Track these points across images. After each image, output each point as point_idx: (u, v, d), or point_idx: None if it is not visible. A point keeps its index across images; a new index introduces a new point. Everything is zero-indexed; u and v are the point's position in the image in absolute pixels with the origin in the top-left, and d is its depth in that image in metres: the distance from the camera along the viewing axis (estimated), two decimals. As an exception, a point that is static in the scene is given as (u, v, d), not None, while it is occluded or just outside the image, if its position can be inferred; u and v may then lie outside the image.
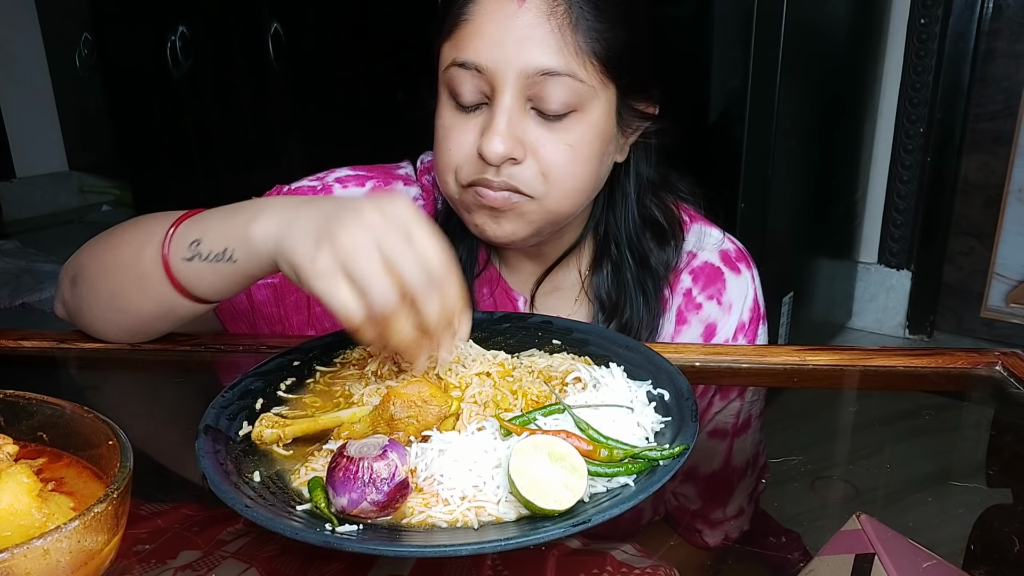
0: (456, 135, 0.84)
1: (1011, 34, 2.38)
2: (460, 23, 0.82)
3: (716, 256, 0.99)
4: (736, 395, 0.84)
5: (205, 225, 0.75)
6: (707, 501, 0.68)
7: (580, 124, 0.82)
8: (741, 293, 0.99)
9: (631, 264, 0.94)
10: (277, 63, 2.60)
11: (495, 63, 0.79)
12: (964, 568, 0.56)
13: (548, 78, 0.79)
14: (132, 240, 0.79)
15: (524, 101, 0.81)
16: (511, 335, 0.81)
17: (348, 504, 0.54)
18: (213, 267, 0.73)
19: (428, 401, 0.62)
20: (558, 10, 0.79)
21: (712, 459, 0.73)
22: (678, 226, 0.98)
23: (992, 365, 0.83)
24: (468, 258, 0.96)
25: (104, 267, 0.82)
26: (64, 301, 0.87)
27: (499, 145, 0.79)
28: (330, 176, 1.00)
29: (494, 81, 0.80)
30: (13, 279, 3.16)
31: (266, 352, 0.85)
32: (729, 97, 1.90)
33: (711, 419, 0.78)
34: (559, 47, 0.79)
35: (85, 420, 0.55)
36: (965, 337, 2.64)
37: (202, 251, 0.73)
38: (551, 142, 0.82)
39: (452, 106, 0.84)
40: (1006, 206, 2.49)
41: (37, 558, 0.43)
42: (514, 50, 0.79)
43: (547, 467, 0.55)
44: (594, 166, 0.85)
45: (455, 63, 0.82)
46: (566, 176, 0.83)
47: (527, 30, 0.79)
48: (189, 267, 0.75)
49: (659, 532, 0.63)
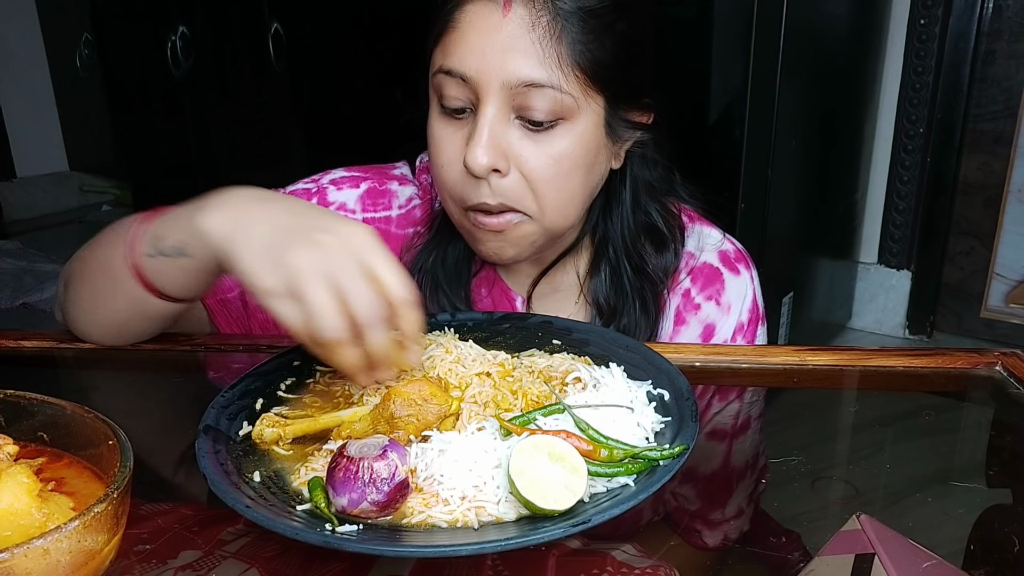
0: (444, 146, 0.84)
1: (1011, 34, 2.38)
2: (447, 29, 0.81)
3: (715, 257, 0.99)
4: (736, 395, 0.85)
5: (166, 220, 0.74)
6: (707, 501, 0.68)
7: (566, 135, 0.81)
8: (740, 294, 0.98)
9: (628, 270, 0.94)
10: (277, 63, 2.60)
11: (479, 73, 0.79)
12: (964, 568, 0.56)
13: (531, 89, 0.78)
14: (110, 241, 0.79)
15: (508, 111, 0.80)
16: (511, 335, 0.81)
17: (348, 504, 0.54)
18: (173, 262, 0.73)
19: (428, 400, 0.62)
20: (542, 20, 0.78)
21: (712, 459, 0.73)
22: (678, 231, 0.97)
23: (992, 365, 0.83)
24: (466, 257, 0.95)
25: (84, 270, 0.82)
26: (61, 307, 0.88)
27: (481, 156, 0.79)
28: (325, 178, 1.00)
29: (478, 90, 0.80)
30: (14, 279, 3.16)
31: (266, 352, 0.85)
32: (729, 97, 1.90)
33: (711, 419, 0.78)
34: (542, 58, 0.78)
35: (85, 420, 0.55)
36: (965, 337, 2.64)
37: (162, 247, 0.73)
38: (534, 154, 0.81)
39: (440, 111, 0.84)
40: (1006, 206, 2.49)
41: (37, 558, 0.43)
42: (497, 60, 0.78)
43: (547, 467, 0.55)
44: (580, 177, 0.84)
45: (442, 69, 0.81)
46: (552, 190, 0.82)
47: (510, 40, 0.78)
48: (152, 264, 0.74)
49: (659, 532, 0.63)
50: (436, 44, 0.83)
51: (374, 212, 0.98)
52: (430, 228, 0.97)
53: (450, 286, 0.94)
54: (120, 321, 0.82)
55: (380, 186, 1.00)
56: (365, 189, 0.99)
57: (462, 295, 0.95)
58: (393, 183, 1.01)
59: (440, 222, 0.95)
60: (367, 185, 0.99)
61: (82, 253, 0.84)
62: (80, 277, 0.83)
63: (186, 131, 2.96)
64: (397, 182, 1.01)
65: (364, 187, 0.99)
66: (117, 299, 0.79)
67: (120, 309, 0.80)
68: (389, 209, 0.99)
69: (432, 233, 0.96)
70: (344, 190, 0.99)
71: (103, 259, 0.79)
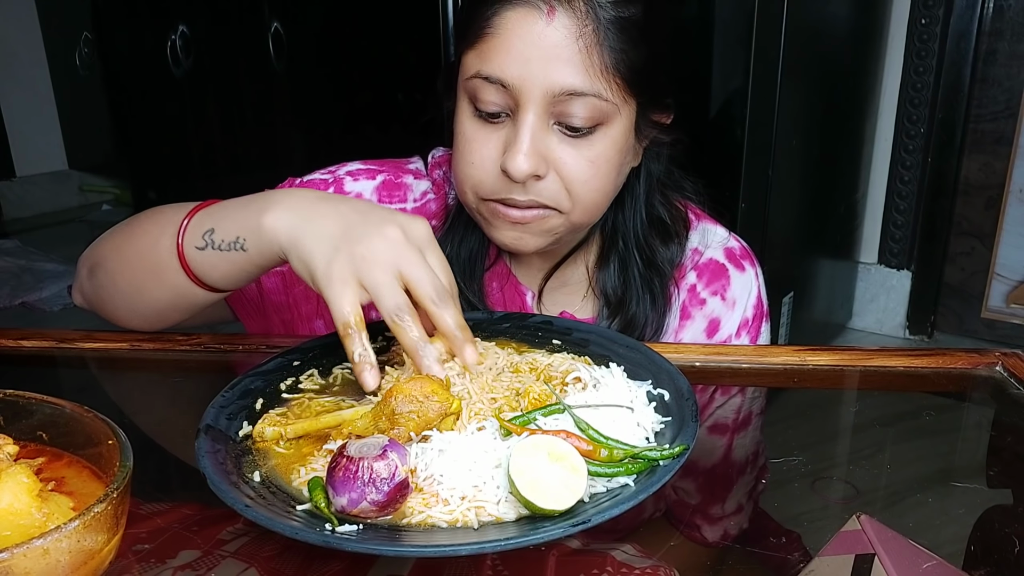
0: (478, 147, 0.84)
1: (1012, 34, 2.38)
2: (485, 35, 0.81)
3: (721, 253, 1.00)
4: (736, 395, 0.84)
5: (220, 214, 0.76)
6: (707, 501, 0.68)
7: (603, 140, 0.82)
8: (745, 290, 0.99)
9: (638, 261, 0.95)
10: (277, 63, 2.60)
11: (521, 80, 0.79)
12: (964, 569, 0.56)
13: (573, 98, 0.79)
14: (149, 230, 0.81)
15: (548, 117, 0.81)
16: (512, 335, 0.81)
17: (348, 504, 0.54)
18: (225, 255, 0.75)
19: (429, 397, 0.62)
20: (587, 29, 0.78)
21: (712, 459, 0.73)
22: (683, 224, 0.99)
23: (992, 365, 0.83)
24: (480, 251, 0.96)
25: (123, 258, 0.83)
26: (83, 291, 0.89)
27: (523, 163, 0.80)
28: (341, 170, 1.01)
29: (519, 97, 0.80)
30: (13, 278, 3.16)
31: (266, 352, 0.85)
32: (730, 97, 1.90)
33: (711, 419, 0.78)
34: (586, 67, 0.78)
35: (85, 420, 0.55)
36: (965, 337, 2.64)
37: (215, 240, 0.75)
38: (573, 158, 0.82)
39: (472, 114, 0.84)
40: (1007, 207, 2.49)
41: (37, 558, 0.43)
42: (541, 69, 0.78)
43: (547, 467, 0.55)
44: (613, 178, 0.86)
45: (479, 75, 0.81)
46: (588, 191, 0.84)
47: (555, 49, 0.78)
48: (202, 256, 0.76)
49: (659, 532, 0.63)
50: (470, 47, 0.83)
51: (390, 204, 0.99)
52: (444, 222, 0.97)
53: (464, 280, 0.94)
54: (161, 309, 0.84)
55: (396, 179, 1.01)
56: (381, 181, 1.00)
57: (475, 288, 0.95)
58: (408, 176, 1.02)
59: (454, 217, 0.96)
60: (383, 177, 1.00)
61: (115, 241, 0.85)
62: (117, 266, 0.84)
63: (186, 130, 2.96)
64: (412, 176, 1.02)
65: (380, 179, 1.00)
66: (160, 288, 0.81)
67: (163, 298, 0.82)
68: (404, 202, 0.99)
69: (446, 228, 0.96)
70: (360, 181, 0.99)
71: (143, 249, 0.81)
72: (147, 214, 0.84)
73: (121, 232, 0.86)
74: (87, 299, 0.89)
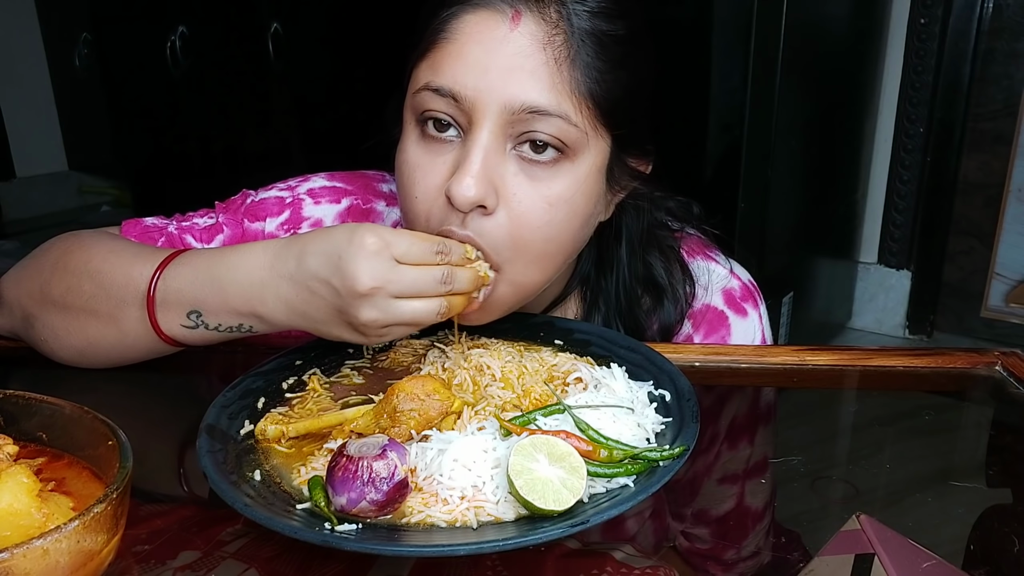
0: (421, 176, 0.73)
1: (1011, 34, 2.38)
2: (439, 42, 0.71)
3: (720, 298, 0.91)
4: (736, 395, 0.84)
5: (198, 294, 0.72)
6: (707, 501, 0.68)
7: (566, 177, 0.71)
8: (747, 337, 0.92)
9: (621, 329, 0.87)
10: (277, 63, 2.60)
11: (476, 92, 0.69)
12: (964, 568, 0.56)
13: (536, 117, 0.68)
14: (99, 295, 0.75)
15: (504, 140, 0.70)
16: (514, 335, 0.81)
17: (347, 503, 0.54)
18: (221, 334, 0.74)
19: (431, 395, 0.62)
20: (556, 39, 0.69)
21: (712, 459, 0.73)
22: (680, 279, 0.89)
23: (992, 365, 0.83)
24: None
25: (74, 320, 0.77)
26: (13, 330, 0.83)
27: (470, 188, 0.68)
28: (302, 187, 0.93)
29: (472, 113, 0.69)
30: (13, 279, 3.15)
31: (266, 352, 0.85)
32: (729, 97, 1.90)
33: (711, 420, 0.78)
34: (552, 83, 0.68)
35: (85, 420, 0.55)
36: (965, 337, 2.64)
37: (207, 322, 0.73)
38: (528, 195, 0.71)
39: (418, 136, 0.73)
40: (1006, 206, 2.49)
41: (37, 558, 0.43)
42: (499, 79, 0.68)
43: (547, 467, 0.55)
44: (574, 228, 0.74)
45: (429, 87, 0.71)
46: (538, 240, 0.72)
47: (517, 59, 0.68)
48: (192, 333, 0.75)
49: (659, 532, 0.63)
50: (422, 58, 0.73)
51: None
52: None
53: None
54: (114, 359, 0.80)
55: (364, 204, 0.93)
56: (347, 206, 0.93)
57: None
58: (380, 202, 0.94)
59: None
60: (349, 202, 0.93)
61: (51, 295, 0.77)
62: (61, 323, 0.77)
63: (185, 131, 2.96)
64: (384, 202, 0.94)
65: (345, 203, 0.93)
66: (128, 350, 0.78)
67: (130, 357, 0.79)
68: None
69: None
70: (322, 204, 0.92)
71: (101, 314, 0.76)
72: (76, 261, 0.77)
73: (54, 285, 0.77)
74: (34, 341, 0.81)
